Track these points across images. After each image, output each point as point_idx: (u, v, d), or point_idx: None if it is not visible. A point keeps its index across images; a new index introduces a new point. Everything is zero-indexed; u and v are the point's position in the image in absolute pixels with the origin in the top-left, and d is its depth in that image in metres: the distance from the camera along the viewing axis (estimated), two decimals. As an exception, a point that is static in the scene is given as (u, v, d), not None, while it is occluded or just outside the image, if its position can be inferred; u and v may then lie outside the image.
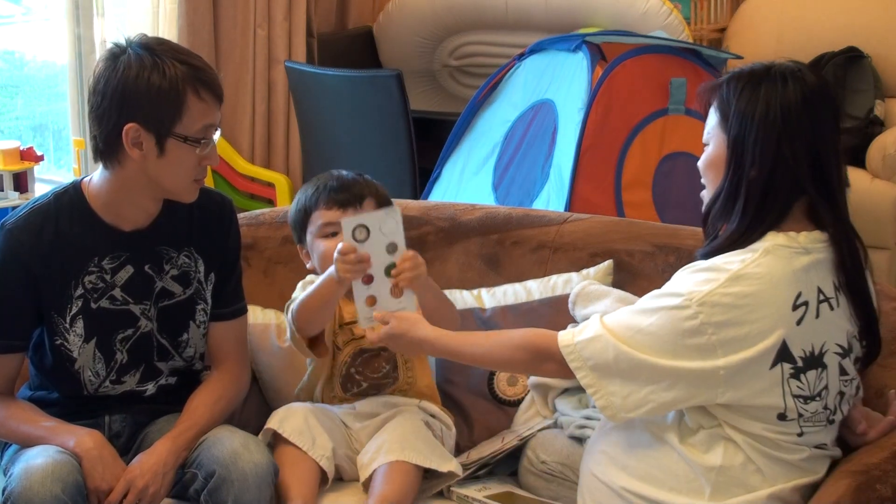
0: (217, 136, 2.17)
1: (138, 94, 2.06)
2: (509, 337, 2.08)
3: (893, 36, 4.47)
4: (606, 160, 3.48)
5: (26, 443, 2.14)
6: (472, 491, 2.26)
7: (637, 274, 2.53)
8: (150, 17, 4.32)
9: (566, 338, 1.96)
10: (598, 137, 3.46)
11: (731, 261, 1.89)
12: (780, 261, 1.89)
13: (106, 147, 2.11)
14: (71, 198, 2.20)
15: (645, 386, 1.90)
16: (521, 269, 2.63)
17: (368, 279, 2.14)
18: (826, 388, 1.92)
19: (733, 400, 1.89)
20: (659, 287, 1.98)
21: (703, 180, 2.02)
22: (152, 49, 2.09)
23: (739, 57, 4.22)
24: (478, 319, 2.56)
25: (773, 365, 1.87)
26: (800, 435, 1.92)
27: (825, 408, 1.92)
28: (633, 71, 3.58)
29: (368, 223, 2.11)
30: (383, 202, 2.39)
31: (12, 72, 4.90)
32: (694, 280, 1.90)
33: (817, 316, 1.90)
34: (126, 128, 2.07)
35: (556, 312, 2.49)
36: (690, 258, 2.02)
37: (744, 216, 1.92)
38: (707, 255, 1.96)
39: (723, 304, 1.86)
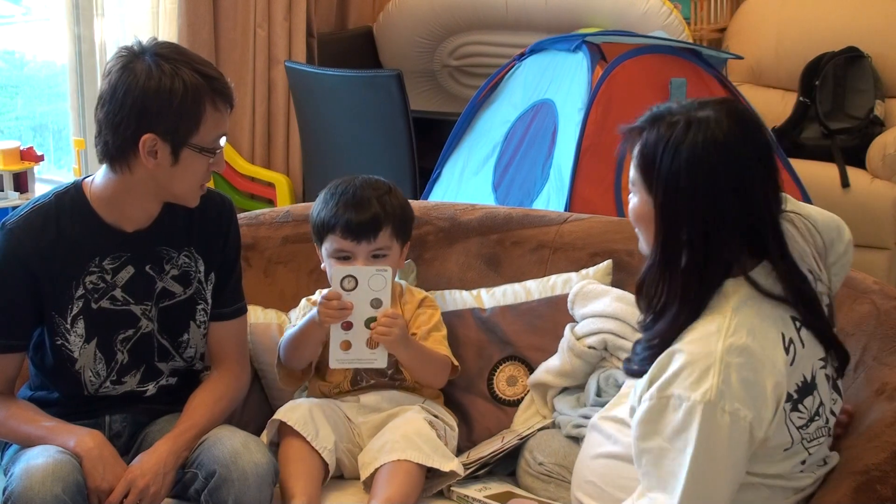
0: (224, 142, 2.18)
1: (159, 106, 2.06)
2: None
3: (893, 36, 4.46)
4: (606, 160, 3.48)
5: (27, 443, 2.14)
6: (471, 491, 2.26)
7: (636, 274, 2.52)
8: (150, 17, 4.33)
9: None
10: (598, 137, 3.46)
11: (706, 338, 1.77)
12: (753, 315, 1.80)
13: (118, 153, 2.11)
14: (72, 198, 2.20)
15: None
16: (521, 269, 2.63)
17: (348, 325, 2.29)
18: (822, 403, 1.89)
19: (759, 468, 1.83)
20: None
21: (635, 229, 1.93)
22: (168, 57, 2.09)
23: (739, 57, 4.23)
24: (477, 319, 2.56)
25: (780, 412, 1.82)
26: (805, 460, 1.88)
27: (826, 423, 1.91)
28: (633, 71, 3.58)
29: (358, 276, 2.26)
30: (400, 228, 2.42)
31: (12, 72, 4.90)
32: (689, 382, 1.75)
33: (803, 346, 1.85)
34: (144, 138, 2.08)
35: (556, 312, 2.49)
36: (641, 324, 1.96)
37: (687, 285, 1.80)
38: (651, 345, 1.84)
39: (732, 387, 1.74)
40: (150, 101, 2.06)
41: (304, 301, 2.52)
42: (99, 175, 2.20)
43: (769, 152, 1.86)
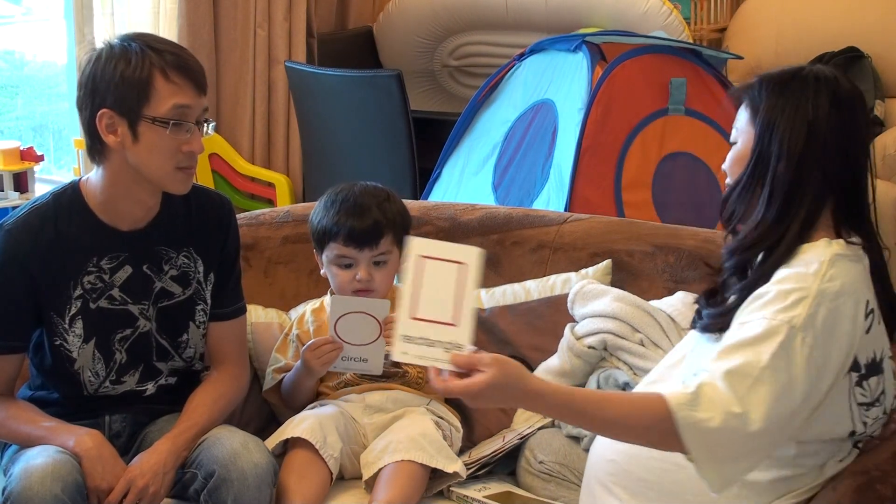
0: (211, 128, 2.17)
1: (105, 80, 2.09)
2: (642, 412, 1.77)
3: (893, 36, 4.46)
4: (606, 160, 3.48)
5: (27, 443, 2.14)
6: (472, 491, 2.26)
7: (637, 274, 2.53)
8: (150, 17, 4.33)
9: (682, 412, 1.73)
10: (598, 137, 3.46)
11: (803, 276, 1.80)
12: (848, 271, 1.82)
13: (90, 139, 2.14)
14: (70, 198, 2.20)
15: (770, 445, 1.78)
16: (521, 269, 2.63)
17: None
18: (884, 392, 1.89)
19: (815, 433, 1.84)
20: (659, 287, 1.95)
21: (727, 180, 1.96)
22: (127, 39, 2.13)
23: (739, 57, 4.23)
24: (477, 319, 2.56)
25: (842, 377, 1.82)
26: (859, 439, 1.90)
27: (884, 412, 1.91)
28: (633, 71, 3.58)
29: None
30: (400, 233, 2.42)
31: (12, 72, 4.90)
32: (779, 307, 1.77)
33: (879, 322, 1.87)
34: (99, 114, 2.10)
35: (556, 312, 2.50)
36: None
37: (769, 207, 1.85)
38: (739, 248, 1.88)
39: (817, 325, 1.76)
40: (99, 77, 2.10)
41: (294, 329, 2.51)
42: (93, 174, 2.21)
43: (868, 127, 1.95)
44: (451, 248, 1.83)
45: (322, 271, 2.48)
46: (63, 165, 4.75)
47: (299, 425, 2.28)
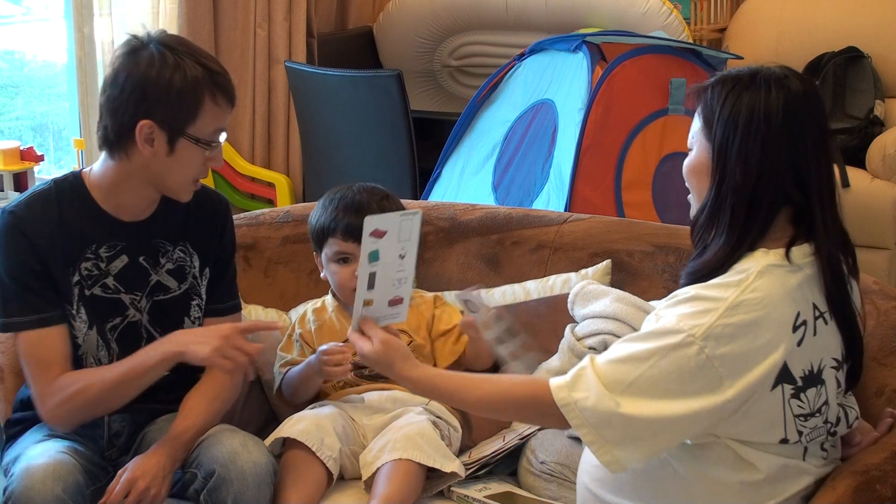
0: (223, 138, 2.18)
1: (158, 92, 2.07)
2: (508, 390, 1.95)
3: (893, 36, 4.46)
4: (606, 160, 3.48)
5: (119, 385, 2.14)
6: (472, 491, 2.26)
7: (637, 274, 2.53)
8: (150, 17, 4.33)
9: (561, 393, 1.84)
10: (598, 137, 3.47)
11: (725, 285, 1.82)
12: (776, 282, 1.83)
13: (116, 139, 2.12)
14: (71, 185, 2.21)
15: (654, 438, 1.83)
16: (521, 270, 2.63)
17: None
18: (826, 403, 1.89)
19: (742, 433, 1.85)
20: (659, 287, 1.96)
21: (686, 184, 1.97)
22: (173, 48, 2.10)
23: (739, 57, 4.22)
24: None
25: (774, 386, 1.83)
26: (804, 454, 1.89)
27: (825, 422, 1.91)
28: (633, 71, 3.58)
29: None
30: None
31: (12, 72, 4.89)
32: (687, 312, 1.81)
33: (815, 333, 1.86)
34: (141, 124, 2.08)
35: (555, 312, 2.49)
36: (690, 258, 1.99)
37: (731, 228, 1.86)
38: (694, 273, 1.89)
39: (726, 335, 1.78)
40: (150, 87, 2.07)
41: (297, 328, 2.51)
42: (98, 163, 2.21)
43: (824, 122, 1.90)
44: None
45: (322, 274, 2.48)
46: (63, 165, 4.74)
47: (296, 425, 2.28)
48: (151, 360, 2.12)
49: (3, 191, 3.89)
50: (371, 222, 2.01)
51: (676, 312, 1.82)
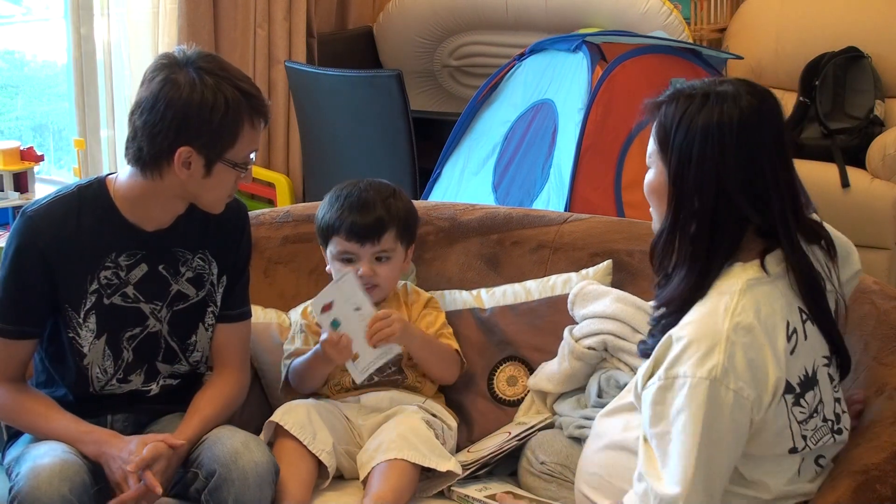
0: (254, 156, 2.20)
1: (200, 122, 2.08)
2: None
3: (893, 36, 4.46)
4: (606, 160, 3.48)
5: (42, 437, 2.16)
6: (472, 491, 2.26)
7: (637, 274, 2.53)
8: (150, 17, 4.32)
9: None
10: (598, 137, 3.47)
11: (712, 314, 1.80)
12: (761, 297, 1.82)
13: (152, 161, 2.12)
14: (95, 192, 2.21)
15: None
16: (521, 270, 2.63)
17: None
18: (821, 401, 1.89)
19: (754, 448, 1.84)
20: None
21: (650, 204, 1.96)
22: (211, 72, 2.11)
23: (739, 57, 4.23)
24: (477, 319, 2.56)
25: (779, 400, 1.82)
26: (804, 458, 1.90)
27: (824, 420, 1.91)
28: (633, 71, 3.58)
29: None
30: (404, 230, 2.45)
31: (12, 72, 4.89)
32: (695, 360, 1.77)
33: (806, 338, 1.86)
34: (180, 150, 2.09)
35: (556, 312, 2.49)
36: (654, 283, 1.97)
37: (694, 257, 1.85)
38: (670, 303, 1.87)
39: (737, 366, 1.76)
40: (192, 115, 2.08)
41: (300, 319, 2.52)
42: (124, 174, 2.20)
43: (782, 137, 1.88)
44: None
45: (327, 267, 2.49)
46: (63, 165, 4.75)
47: (290, 413, 2.29)
48: (77, 444, 2.13)
49: (3, 191, 3.89)
50: (316, 305, 2.31)
51: (682, 367, 1.79)
